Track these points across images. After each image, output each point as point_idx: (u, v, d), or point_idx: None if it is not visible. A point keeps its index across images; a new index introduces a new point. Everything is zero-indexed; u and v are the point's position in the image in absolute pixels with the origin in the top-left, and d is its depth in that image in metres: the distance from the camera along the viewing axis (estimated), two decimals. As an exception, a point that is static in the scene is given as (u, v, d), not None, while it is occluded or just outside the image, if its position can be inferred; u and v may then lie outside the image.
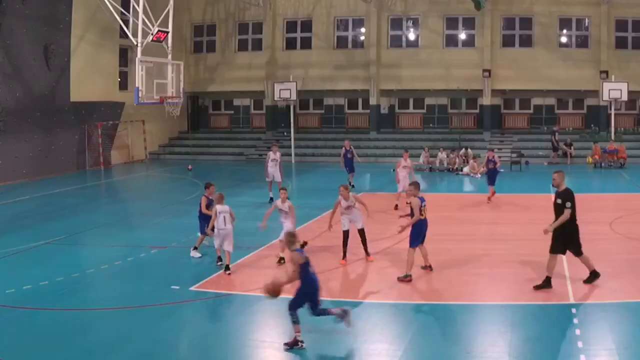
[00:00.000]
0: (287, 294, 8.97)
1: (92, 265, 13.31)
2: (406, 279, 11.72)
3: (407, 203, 14.29)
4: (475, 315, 10.08)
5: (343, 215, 13.36)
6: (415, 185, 12.44)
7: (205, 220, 13.44)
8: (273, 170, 20.53)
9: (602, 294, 10.72)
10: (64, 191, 24.34)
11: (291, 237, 9.41)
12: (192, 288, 11.57)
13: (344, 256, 13.29)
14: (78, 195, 23.60)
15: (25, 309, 10.58)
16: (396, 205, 18.85)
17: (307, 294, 8.89)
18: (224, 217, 12.53)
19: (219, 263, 12.94)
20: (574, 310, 9.79)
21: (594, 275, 11.20)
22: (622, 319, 9.51)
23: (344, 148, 23.21)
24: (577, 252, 11.18)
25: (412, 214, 12.06)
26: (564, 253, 11.20)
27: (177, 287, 11.59)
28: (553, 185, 11.33)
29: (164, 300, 10.97)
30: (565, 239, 11.02)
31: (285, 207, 13.25)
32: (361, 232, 13.36)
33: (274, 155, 20.64)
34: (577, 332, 8.95)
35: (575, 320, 9.38)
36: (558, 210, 10.96)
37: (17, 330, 9.65)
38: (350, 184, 22.12)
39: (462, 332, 9.32)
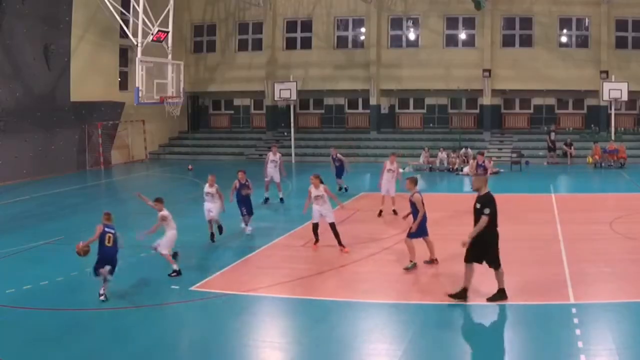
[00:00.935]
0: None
1: (92, 265, 13.26)
2: (414, 267, 12.04)
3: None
4: (476, 315, 10.07)
5: (313, 206, 13.96)
6: (412, 180, 12.65)
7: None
8: (272, 171, 20.51)
9: (602, 294, 10.72)
10: (64, 191, 24.34)
11: None
12: (192, 288, 11.57)
13: (316, 241, 14.31)
14: (78, 195, 23.60)
15: (25, 309, 10.58)
16: (380, 212, 17.91)
17: None
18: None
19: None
20: (574, 310, 9.78)
21: (500, 294, 10.25)
22: (622, 319, 9.51)
23: (330, 156, 22.68)
24: (494, 264, 10.24)
25: (413, 211, 12.19)
26: (479, 262, 10.32)
27: (177, 287, 11.59)
28: (473, 189, 10.87)
29: (164, 300, 10.97)
30: (482, 247, 10.16)
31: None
32: (332, 225, 13.92)
33: (273, 157, 20.61)
34: (577, 332, 8.95)
35: (575, 320, 9.37)
36: (477, 215, 10.23)
37: (17, 330, 9.65)
38: (342, 188, 22.02)
39: (462, 332, 9.32)
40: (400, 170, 18.51)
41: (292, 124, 33.93)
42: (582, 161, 30.18)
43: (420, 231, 12.37)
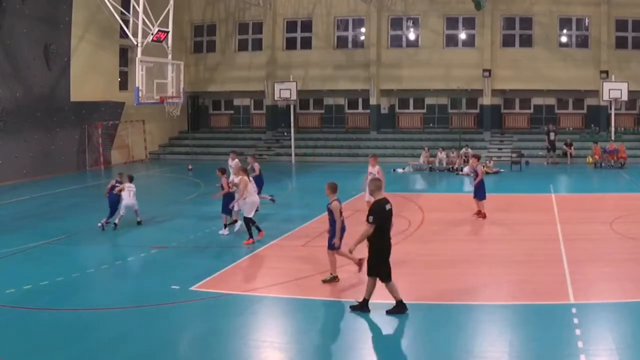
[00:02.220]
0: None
1: (92, 265, 13.30)
2: (333, 281, 11.50)
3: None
4: (475, 315, 10.07)
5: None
6: (331, 186, 11.77)
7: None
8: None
9: (602, 294, 10.72)
10: (64, 191, 24.34)
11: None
12: (192, 288, 11.56)
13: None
14: (78, 195, 23.59)
15: (25, 309, 10.58)
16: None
17: None
18: None
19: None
20: (574, 310, 9.78)
21: (399, 307, 9.84)
22: (622, 319, 9.51)
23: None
24: (381, 277, 9.78)
25: (330, 220, 11.67)
26: (377, 275, 9.86)
27: (177, 287, 11.58)
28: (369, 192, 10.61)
29: (164, 300, 10.96)
30: (377, 257, 9.73)
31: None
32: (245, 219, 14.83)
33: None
34: (577, 332, 8.94)
35: (575, 320, 9.37)
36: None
37: (17, 330, 9.65)
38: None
39: (462, 332, 9.31)
40: (400, 170, 18.57)
41: (292, 124, 33.93)
42: (582, 161, 30.18)
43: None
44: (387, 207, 9.74)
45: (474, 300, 10.71)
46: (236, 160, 19.53)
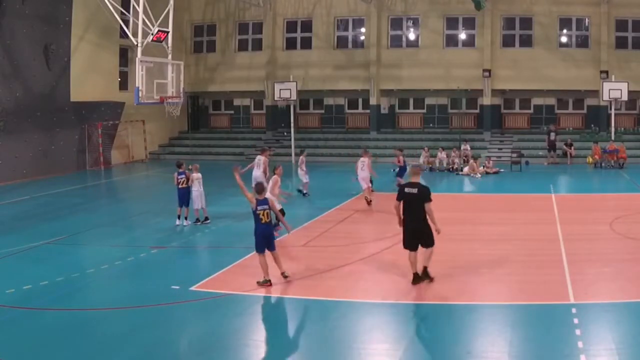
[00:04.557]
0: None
1: (92, 265, 13.31)
2: (265, 284, 11.36)
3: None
4: (475, 315, 10.07)
5: None
6: (257, 186, 11.81)
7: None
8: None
9: (602, 294, 10.71)
10: (64, 191, 24.34)
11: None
12: (192, 288, 11.56)
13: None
14: (78, 195, 23.60)
15: (25, 309, 10.58)
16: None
17: None
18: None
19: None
20: (574, 310, 9.78)
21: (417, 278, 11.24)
22: (622, 319, 9.50)
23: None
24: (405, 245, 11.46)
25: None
26: None
27: (177, 287, 11.58)
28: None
29: (164, 300, 10.96)
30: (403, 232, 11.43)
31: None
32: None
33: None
34: (577, 332, 8.94)
35: (575, 320, 9.37)
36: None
37: (17, 330, 9.65)
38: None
39: (462, 332, 9.31)
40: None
41: (292, 124, 33.93)
42: (582, 161, 30.17)
43: (263, 244, 11.43)
44: (407, 190, 11.28)
45: (474, 300, 10.71)
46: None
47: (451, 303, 10.58)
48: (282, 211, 13.98)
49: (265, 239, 11.42)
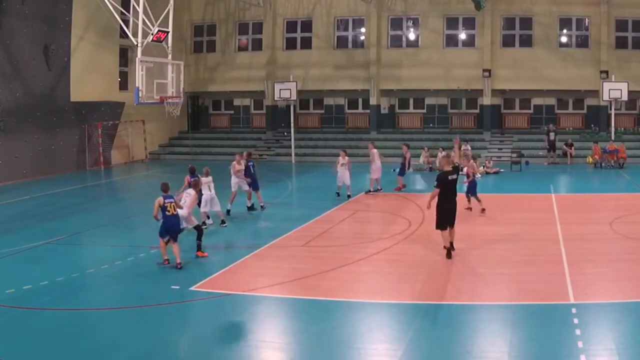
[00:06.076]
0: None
1: (92, 265, 13.31)
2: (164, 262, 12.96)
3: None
4: (475, 315, 10.07)
5: None
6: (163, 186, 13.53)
7: None
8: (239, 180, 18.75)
9: (602, 294, 10.72)
10: (64, 191, 24.34)
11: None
12: (192, 288, 11.57)
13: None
14: (78, 195, 23.59)
15: (25, 309, 10.58)
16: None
17: None
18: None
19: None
20: (574, 310, 9.78)
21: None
22: (622, 319, 9.51)
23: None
24: (438, 226, 13.04)
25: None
26: None
27: (177, 287, 11.59)
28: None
29: (164, 300, 10.97)
30: (438, 213, 13.05)
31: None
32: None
33: (239, 167, 18.81)
34: (577, 332, 8.95)
35: (575, 320, 9.37)
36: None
37: (17, 330, 9.65)
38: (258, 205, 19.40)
39: (462, 332, 9.32)
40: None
41: (292, 124, 33.92)
42: (582, 161, 30.16)
43: (166, 234, 13.14)
44: (450, 177, 13.05)
45: (474, 300, 10.71)
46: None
47: (451, 303, 10.59)
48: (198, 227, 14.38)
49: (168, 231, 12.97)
